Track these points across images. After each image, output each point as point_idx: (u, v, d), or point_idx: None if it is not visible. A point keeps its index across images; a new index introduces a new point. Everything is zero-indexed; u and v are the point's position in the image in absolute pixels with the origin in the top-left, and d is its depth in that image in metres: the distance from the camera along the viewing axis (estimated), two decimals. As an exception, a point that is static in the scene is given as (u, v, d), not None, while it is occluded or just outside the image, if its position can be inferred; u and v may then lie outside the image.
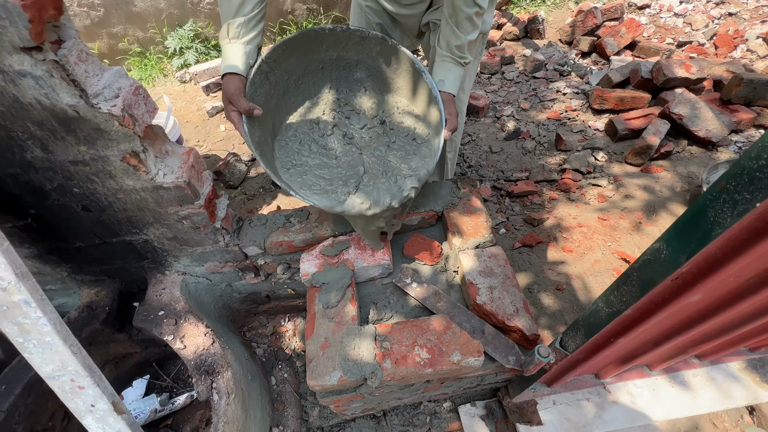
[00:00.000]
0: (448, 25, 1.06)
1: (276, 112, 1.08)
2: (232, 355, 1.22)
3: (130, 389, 1.49)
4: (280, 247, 1.24)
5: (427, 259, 1.17)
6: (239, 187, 2.34)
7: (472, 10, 1.01)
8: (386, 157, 1.10)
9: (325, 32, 1.02)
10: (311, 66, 1.09)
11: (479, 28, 1.09)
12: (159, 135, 0.98)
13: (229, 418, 1.06)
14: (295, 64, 1.05)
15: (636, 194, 1.80)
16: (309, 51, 1.05)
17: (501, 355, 0.94)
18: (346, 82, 1.16)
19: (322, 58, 1.08)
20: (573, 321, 0.74)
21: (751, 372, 1.26)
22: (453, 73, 1.11)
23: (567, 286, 1.51)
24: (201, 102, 3.17)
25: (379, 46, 1.08)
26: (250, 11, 0.91)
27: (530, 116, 2.42)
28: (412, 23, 1.31)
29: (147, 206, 1.02)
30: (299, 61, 1.05)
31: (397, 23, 1.35)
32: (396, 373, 0.91)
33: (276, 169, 1.03)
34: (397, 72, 1.13)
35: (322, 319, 1.02)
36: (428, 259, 1.17)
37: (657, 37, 2.95)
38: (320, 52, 1.07)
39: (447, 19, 1.06)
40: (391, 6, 1.26)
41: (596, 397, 1.24)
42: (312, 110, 1.15)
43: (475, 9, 1.01)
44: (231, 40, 0.93)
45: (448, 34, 1.07)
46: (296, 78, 1.08)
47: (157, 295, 1.28)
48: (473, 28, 1.06)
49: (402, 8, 1.25)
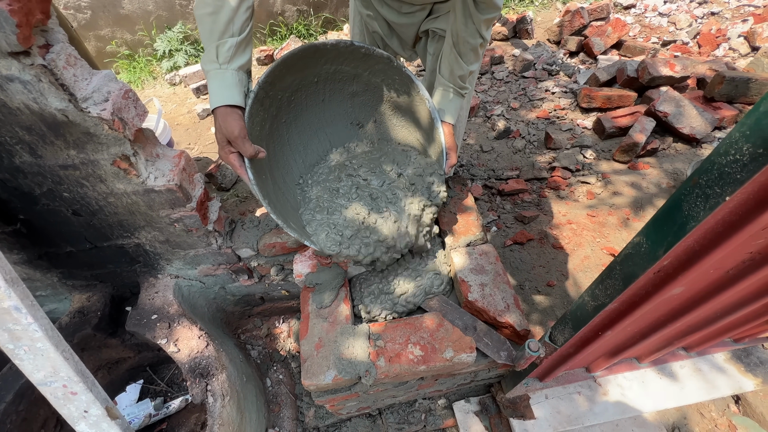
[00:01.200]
0: (453, 53, 1.05)
1: (270, 138, 1.00)
2: (226, 357, 1.22)
3: (124, 394, 1.48)
4: (273, 249, 1.24)
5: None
6: (231, 190, 2.34)
7: (477, 42, 1.01)
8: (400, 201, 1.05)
9: (327, 48, 0.95)
10: (306, 80, 1.03)
11: (481, 59, 1.09)
12: (149, 138, 0.98)
13: (225, 420, 1.06)
14: (290, 81, 0.98)
15: (624, 191, 1.84)
16: (306, 66, 0.98)
17: (493, 351, 0.96)
18: (340, 95, 1.12)
19: (318, 71, 1.03)
20: (561, 316, 0.76)
21: (735, 362, 1.29)
22: (454, 103, 1.10)
23: (558, 282, 1.54)
24: (191, 104, 3.15)
25: (383, 65, 1.04)
26: (239, 31, 0.79)
27: (520, 115, 2.45)
28: (410, 32, 1.31)
29: (138, 210, 1.02)
30: (294, 77, 0.98)
31: (394, 32, 1.35)
32: (390, 370, 0.92)
33: (286, 214, 0.95)
34: (398, 93, 1.10)
35: (316, 319, 1.02)
36: (420, 258, 1.19)
37: (642, 37, 3.00)
38: (318, 67, 1.01)
39: (451, 48, 1.05)
40: (390, 15, 1.25)
41: (587, 391, 1.26)
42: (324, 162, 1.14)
43: (479, 41, 1.01)
44: (222, 65, 0.81)
45: (452, 63, 1.06)
46: (289, 94, 1.02)
47: (150, 298, 1.27)
48: (476, 59, 1.06)
49: (401, 17, 1.24)
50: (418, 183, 1.06)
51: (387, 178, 1.06)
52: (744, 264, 0.66)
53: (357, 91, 1.13)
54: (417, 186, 1.05)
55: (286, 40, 3.44)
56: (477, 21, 0.96)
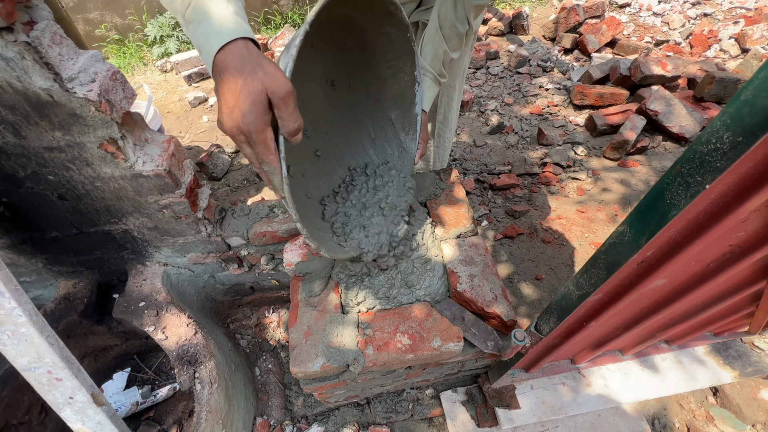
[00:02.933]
0: (438, 36, 1.04)
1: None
2: (215, 345, 1.22)
3: (111, 382, 1.47)
4: (264, 238, 1.24)
5: (410, 249, 1.19)
6: (222, 179, 2.31)
7: (464, 28, 1.00)
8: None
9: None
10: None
11: (462, 49, 1.07)
12: (138, 122, 0.96)
13: (212, 407, 1.06)
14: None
15: (613, 188, 1.86)
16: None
17: (480, 341, 0.97)
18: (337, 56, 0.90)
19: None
20: (547, 306, 0.77)
21: (715, 355, 1.33)
22: (431, 90, 1.08)
23: (546, 276, 1.56)
24: (183, 92, 3.10)
25: (395, 28, 0.82)
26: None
27: (513, 111, 2.46)
28: None
29: (126, 195, 1.01)
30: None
31: None
32: (378, 359, 0.92)
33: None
34: (391, 66, 0.94)
35: (305, 308, 1.02)
36: (411, 249, 1.19)
37: (636, 36, 3.02)
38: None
39: (437, 30, 1.04)
40: None
41: (572, 382, 1.29)
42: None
43: (466, 27, 1.01)
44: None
45: (435, 45, 1.05)
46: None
47: (138, 286, 1.26)
48: (459, 46, 1.06)
49: None
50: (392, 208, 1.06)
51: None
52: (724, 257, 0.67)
53: (349, 45, 0.89)
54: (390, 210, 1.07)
55: (281, 29, 3.39)
56: (467, 5, 0.96)
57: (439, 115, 1.49)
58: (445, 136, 1.57)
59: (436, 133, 1.54)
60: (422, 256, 1.07)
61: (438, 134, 1.55)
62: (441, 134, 1.55)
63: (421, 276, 1.04)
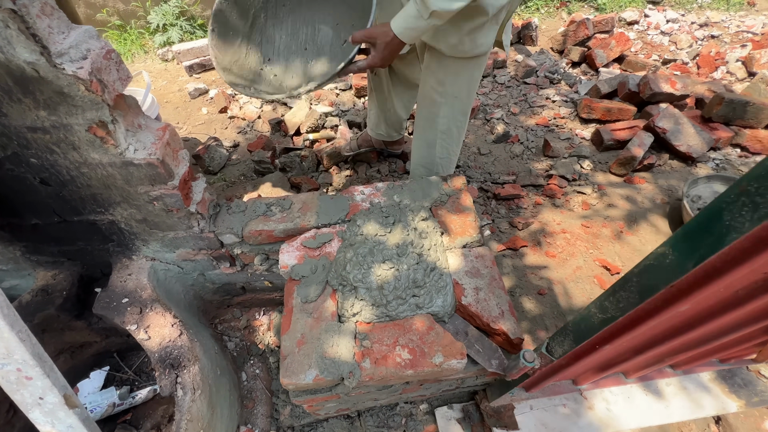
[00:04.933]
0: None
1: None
2: (200, 348, 1.15)
3: (87, 381, 1.38)
4: (259, 237, 1.18)
5: (413, 257, 1.14)
6: (219, 173, 2.25)
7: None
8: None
9: None
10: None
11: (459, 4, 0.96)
12: (132, 106, 0.90)
13: (194, 415, 0.99)
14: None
15: (618, 204, 1.83)
16: None
17: (484, 359, 0.92)
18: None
19: None
20: (561, 326, 0.72)
21: (720, 383, 1.29)
22: (405, 10, 1.01)
23: (549, 291, 1.51)
24: (183, 83, 3.03)
25: None
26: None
27: (519, 121, 2.43)
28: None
29: (114, 184, 0.94)
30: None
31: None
32: (375, 373, 0.86)
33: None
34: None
35: (299, 314, 0.96)
36: (413, 257, 1.14)
37: (644, 53, 3.02)
38: None
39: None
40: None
41: (573, 404, 1.24)
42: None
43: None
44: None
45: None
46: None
47: (122, 280, 1.19)
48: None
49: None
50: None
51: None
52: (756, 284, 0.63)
53: None
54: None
55: None
56: None
57: (440, 125, 1.44)
58: (449, 147, 1.51)
59: (438, 144, 1.49)
60: (433, 269, 1.00)
61: (441, 146, 1.49)
62: (445, 146, 1.50)
63: (435, 294, 0.97)
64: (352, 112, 2.54)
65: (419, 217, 1.09)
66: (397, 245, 1.01)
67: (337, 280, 1.00)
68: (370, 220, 1.08)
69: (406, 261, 0.98)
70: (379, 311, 0.94)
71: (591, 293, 1.51)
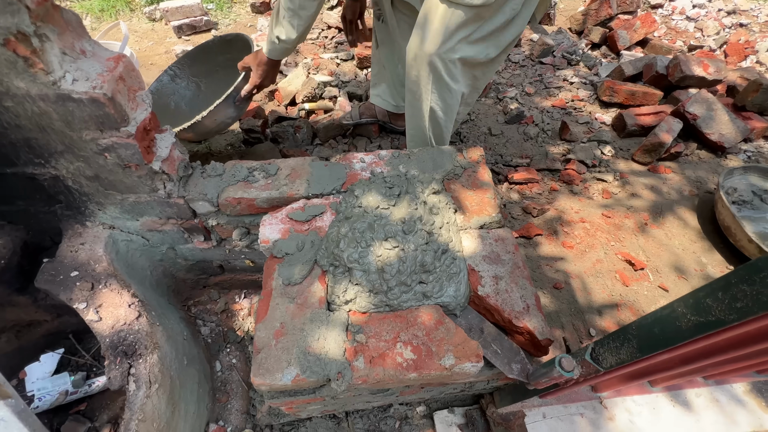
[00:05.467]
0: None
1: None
2: (163, 333, 0.97)
3: (37, 364, 1.20)
4: (238, 206, 0.99)
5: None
6: (204, 142, 2.04)
7: None
8: None
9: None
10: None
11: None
12: (72, 25, 0.70)
13: (148, 414, 0.82)
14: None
15: (642, 194, 1.66)
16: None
17: (503, 362, 0.75)
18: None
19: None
20: (619, 329, 0.55)
21: (756, 396, 1.14)
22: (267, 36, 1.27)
23: (565, 285, 1.35)
24: (170, 44, 2.79)
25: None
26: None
27: (534, 102, 2.24)
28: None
29: (51, 126, 0.75)
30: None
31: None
32: (370, 375, 0.70)
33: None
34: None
35: (280, 299, 0.79)
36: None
37: (668, 39, 2.82)
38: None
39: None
40: None
41: (591, 413, 1.09)
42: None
43: None
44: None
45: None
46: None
47: (73, 250, 1.00)
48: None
49: None
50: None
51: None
52: None
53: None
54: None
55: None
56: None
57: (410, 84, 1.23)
58: (446, 107, 1.27)
59: (431, 113, 1.29)
60: (445, 251, 0.82)
61: (433, 114, 1.27)
62: (440, 113, 1.27)
63: (446, 281, 0.80)
64: (354, 84, 2.33)
65: (430, 189, 0.91)
66: (402, 220, 0.83)
67: (327, 259, 0.82)
68: (370, 191, 0.90)
69: (414, 240, 0.81)
70: (377, 299, 0.77)
71: (612, 290, 1.35)
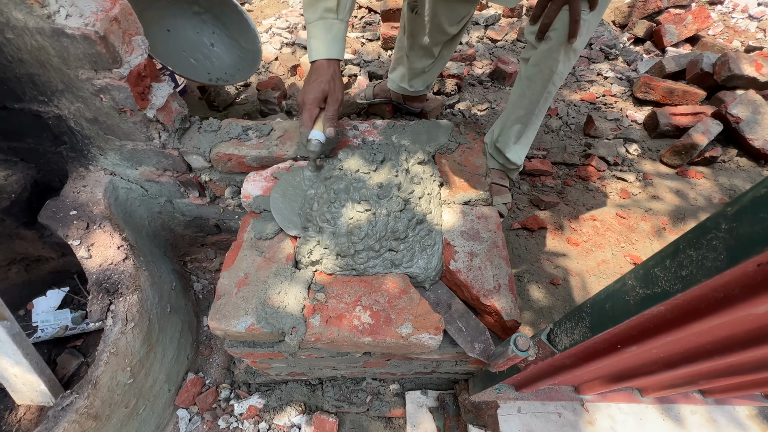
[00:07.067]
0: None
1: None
2: (148, 278, 1.01)
3: (43, 298, 1.29)
4: (229, 163, 1.00)
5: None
6: (224, 111, 2.09)
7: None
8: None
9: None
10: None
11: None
12: (71, -38, 0.72)
13: (120, 349, 0.86)
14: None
15: (665, 197, 1.54)
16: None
17: (465, 339, 0.72)
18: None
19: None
20: (575, 308, 0.51)
21: (761, 421, 1.04)
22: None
23: (563, 282, 1.28)
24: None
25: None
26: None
27: (562, 94, 2.12)
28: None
29: (50, 62, 0.78)
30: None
31: None
32: (324, 333, 0.69)
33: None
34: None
35: (249, 251, 0.79)
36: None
37: (724, 38, 2.59)
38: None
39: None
40: None
41: (570, 414, 1.03)
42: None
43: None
44: (339, 17, 0.87)
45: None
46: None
47: (75, 191, 1.06)
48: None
49: None
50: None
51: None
52: None
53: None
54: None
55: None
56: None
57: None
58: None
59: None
60: (421, 222, 0.80)
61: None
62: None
63: (417, 252, 0.77)
64: (376, 64, 2.30)
65: (415, 158, 0.88)
66: (379, 185, 0.81)
67: (301, 218, 0.81)
68: (354, 155, 0.88)
69: (387, 205, 0.78)
70: (343, 262, 0.75)
71: (614, 292, 1.27)
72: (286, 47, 2.51)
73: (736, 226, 0.28)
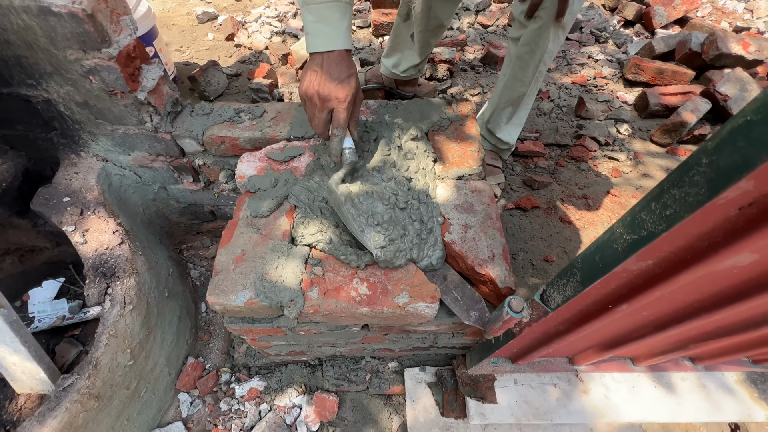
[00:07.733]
0: None
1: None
2: (145, 263, 1.01)
3: (39, 289, 1.29)
4: (222, 145, 1.00)
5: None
6: (215, 100, 2.07)
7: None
8: None
9: None
10: None
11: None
12: (55, -61, 0.71)
13: (119, 331, 0.86)
14: None
15: (656, 175, 1.57)
16: None
17: (461, 308, 0.73)
18: None
19: None
20: (567, 265, 0.52)
21: (749, 386, 1.08)
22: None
23: (557, 259, 1.30)
24: (192, 5, 2.82)
25: None
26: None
27: (553, 77, 2.13)
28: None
29: (37, 43, 0.77)
30: None
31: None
32: (322, 305, 0.70)
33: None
34: None
35: (245, 228, 0.80)
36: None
37: (712, 19, 2.61)
38: None
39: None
40: None
41: (565, 384, 1.06)
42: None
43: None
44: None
45: None
46: None
47: (68, 178, 1.05)
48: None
49: None
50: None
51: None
52: None
53: None
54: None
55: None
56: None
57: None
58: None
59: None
60: (418, 203, 0.80)
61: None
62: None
63: (422, 240, 0.77)
64: (367, 51, 2.29)
65: (408, 135, 0.89)
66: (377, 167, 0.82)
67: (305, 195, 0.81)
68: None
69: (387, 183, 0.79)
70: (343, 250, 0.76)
71: (607, 268, 1.29)
72: (276, 36, 2.49)
73: (716, 158, 0.29)
